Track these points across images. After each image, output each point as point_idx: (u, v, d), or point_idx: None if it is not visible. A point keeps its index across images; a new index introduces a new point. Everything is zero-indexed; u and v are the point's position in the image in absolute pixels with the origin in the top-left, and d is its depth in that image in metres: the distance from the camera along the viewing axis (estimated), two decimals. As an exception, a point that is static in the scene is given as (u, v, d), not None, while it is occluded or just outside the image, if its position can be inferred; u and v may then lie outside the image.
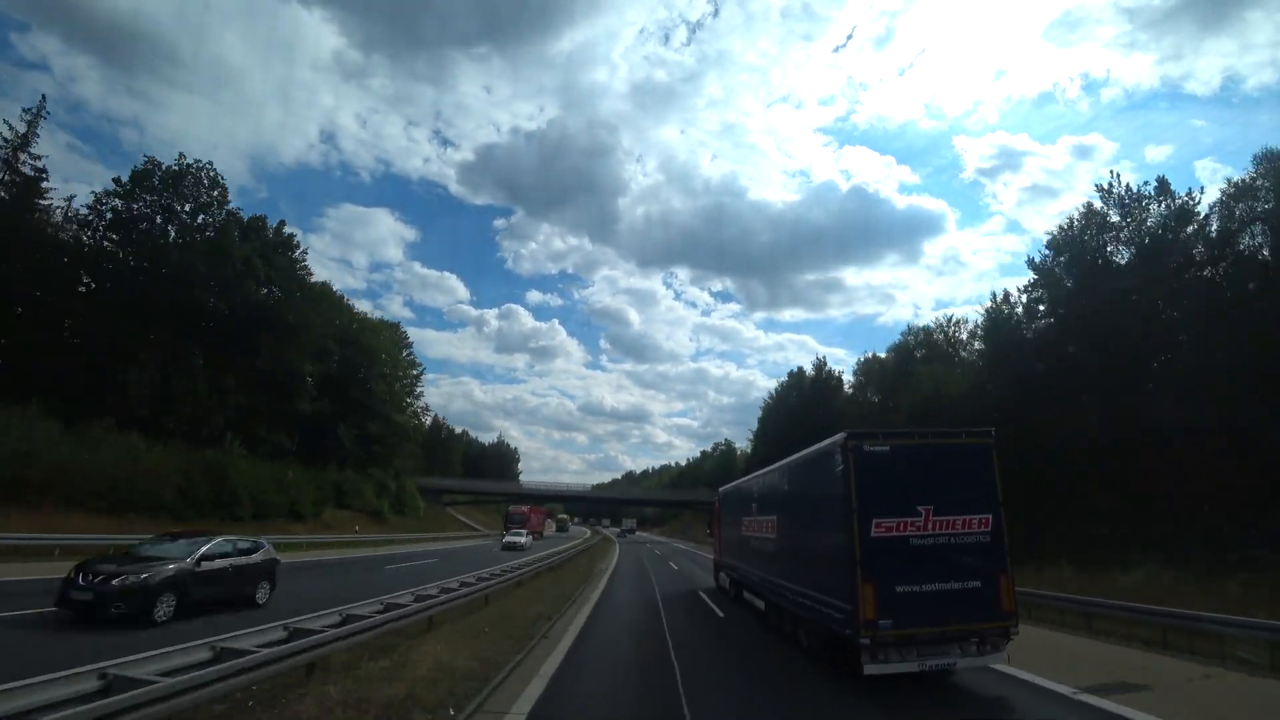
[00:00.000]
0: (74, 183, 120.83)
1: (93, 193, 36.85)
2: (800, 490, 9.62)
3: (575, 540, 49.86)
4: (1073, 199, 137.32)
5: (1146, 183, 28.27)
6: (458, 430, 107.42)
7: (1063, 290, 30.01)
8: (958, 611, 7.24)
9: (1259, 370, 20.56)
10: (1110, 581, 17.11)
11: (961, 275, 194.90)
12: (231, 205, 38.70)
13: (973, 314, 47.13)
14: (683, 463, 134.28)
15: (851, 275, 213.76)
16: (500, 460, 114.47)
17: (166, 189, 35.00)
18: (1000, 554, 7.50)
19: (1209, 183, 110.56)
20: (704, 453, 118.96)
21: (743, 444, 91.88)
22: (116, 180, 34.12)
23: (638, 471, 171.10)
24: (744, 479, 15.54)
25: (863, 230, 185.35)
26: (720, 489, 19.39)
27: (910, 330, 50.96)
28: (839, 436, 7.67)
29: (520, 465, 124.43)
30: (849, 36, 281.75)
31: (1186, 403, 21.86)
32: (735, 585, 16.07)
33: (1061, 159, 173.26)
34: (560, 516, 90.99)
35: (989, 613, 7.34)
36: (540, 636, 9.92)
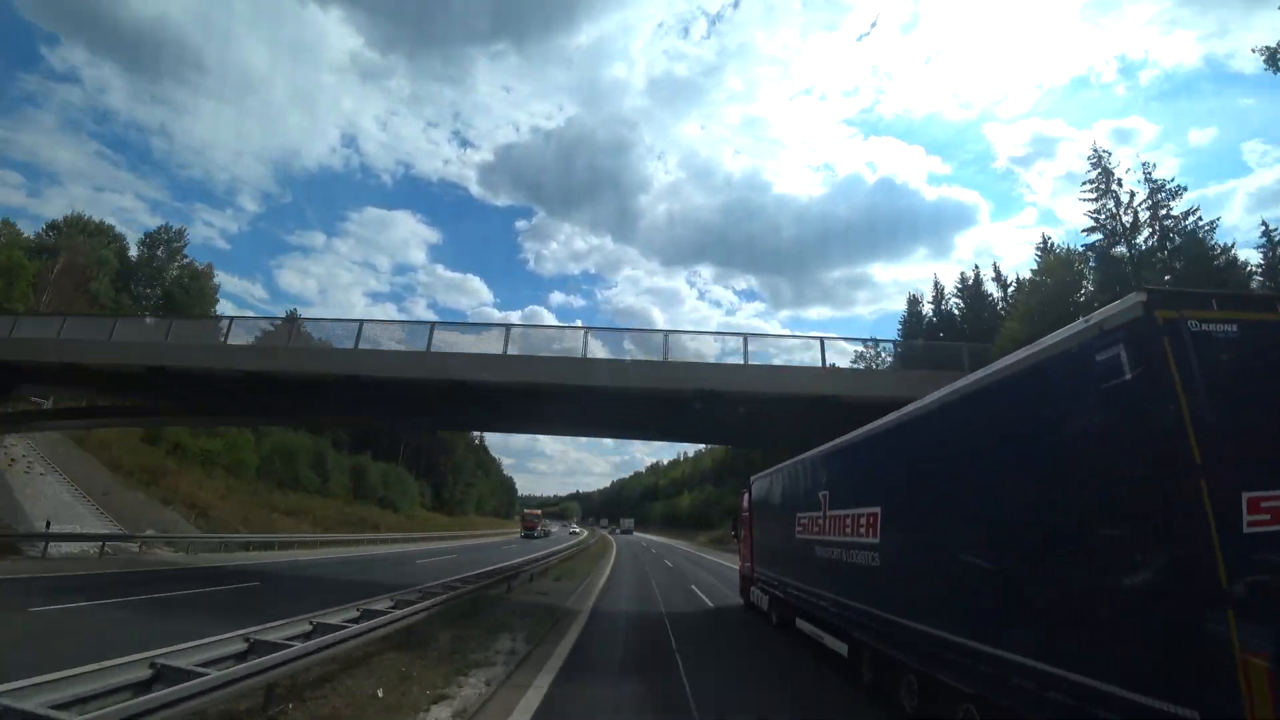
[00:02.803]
0: (106, 192, 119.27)
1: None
2: (981, 442, 5.02)
3: None
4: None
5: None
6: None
7: None
8: None
9: None
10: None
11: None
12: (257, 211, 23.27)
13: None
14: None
15: (880, 271, 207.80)
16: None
17: None
18: None
19: (1258, 165, 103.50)
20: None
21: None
22: None
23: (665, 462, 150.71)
24: (796, 459, 11.27)
25: (891, 224, 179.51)
26: (752, 478, 15.09)
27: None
28: (1125, 304, 3.40)
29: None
30: (873, 24, 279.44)
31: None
32: (781, 608, 11.78)
33: (1100, 144, 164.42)
34: None
35: None
36: None
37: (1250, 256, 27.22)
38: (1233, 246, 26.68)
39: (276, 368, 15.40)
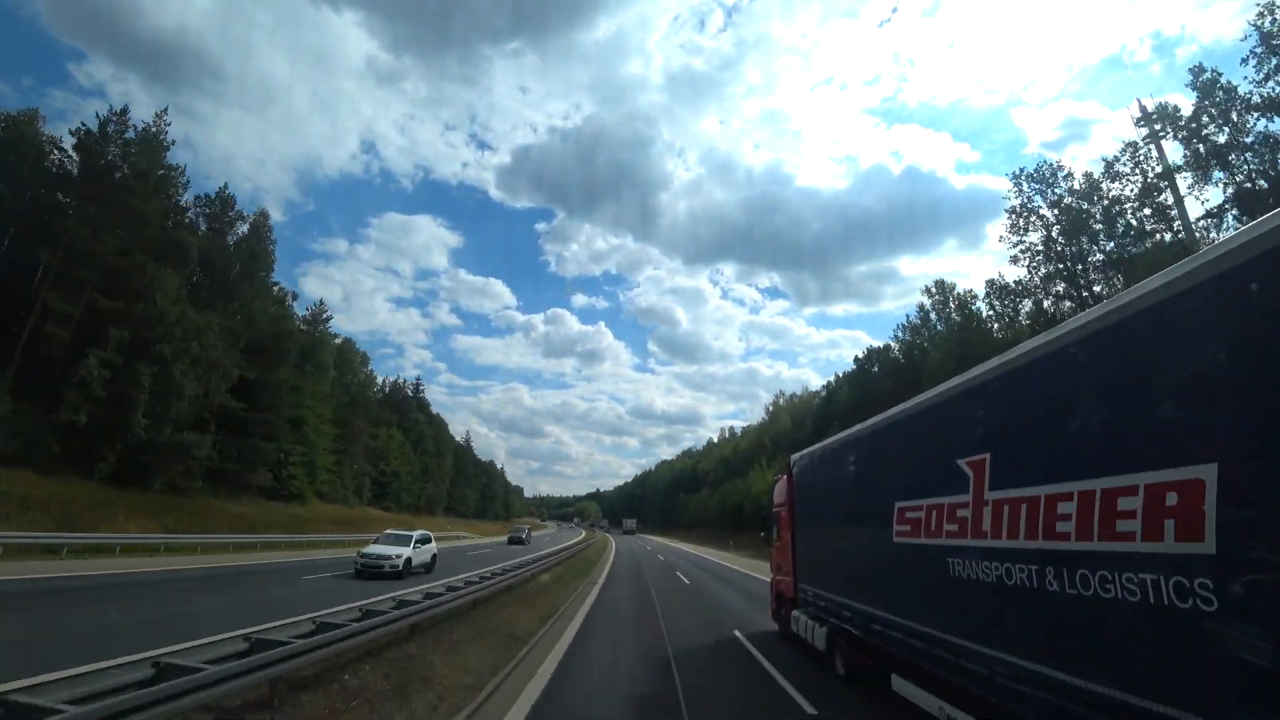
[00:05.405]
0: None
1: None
2: None
3: None
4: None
5: None
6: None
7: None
8: None
9: None
10: None
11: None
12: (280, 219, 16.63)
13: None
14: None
15: (907, 264, 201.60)
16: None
17: None
18: None
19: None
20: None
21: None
22: None
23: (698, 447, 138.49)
24: (887, 414, 7.14)
25: (918, 215, 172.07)
26: (794, 456, 11.07)
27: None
28: None
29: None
30: (894, 10, 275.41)
31: None
32: (854, 651, 7.72)
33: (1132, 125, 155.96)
34: None
35: None
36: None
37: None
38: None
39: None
